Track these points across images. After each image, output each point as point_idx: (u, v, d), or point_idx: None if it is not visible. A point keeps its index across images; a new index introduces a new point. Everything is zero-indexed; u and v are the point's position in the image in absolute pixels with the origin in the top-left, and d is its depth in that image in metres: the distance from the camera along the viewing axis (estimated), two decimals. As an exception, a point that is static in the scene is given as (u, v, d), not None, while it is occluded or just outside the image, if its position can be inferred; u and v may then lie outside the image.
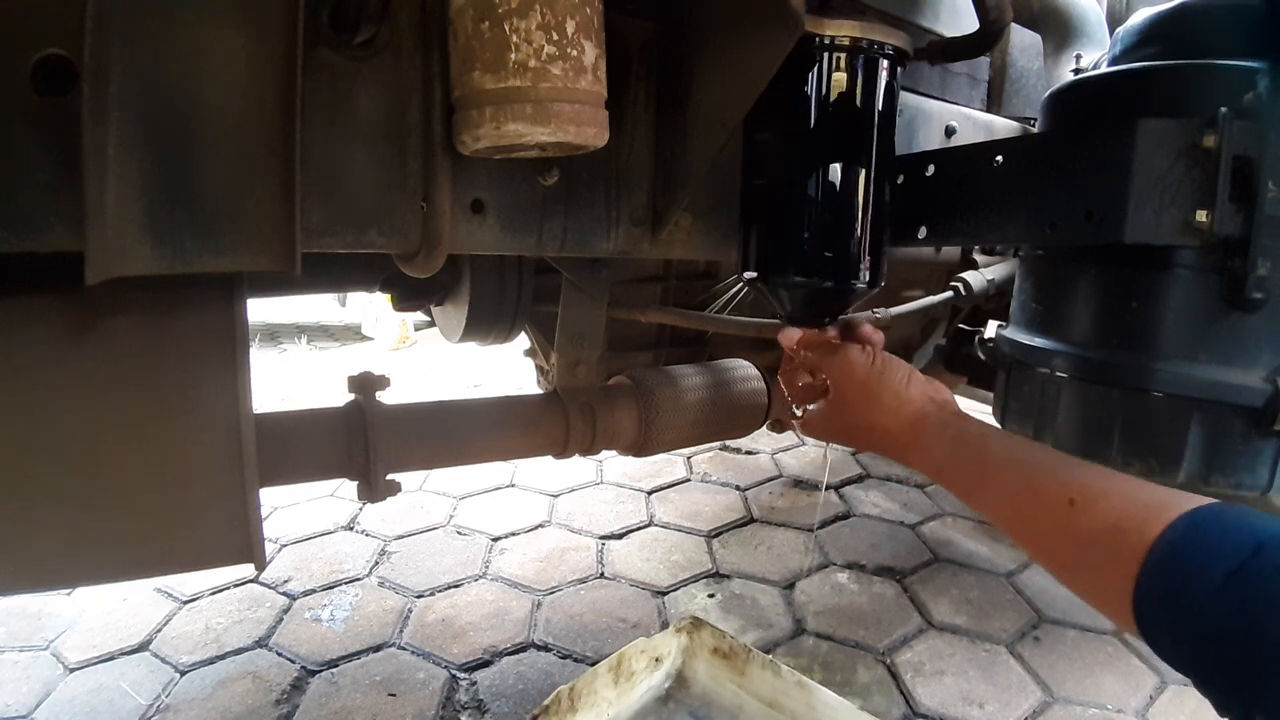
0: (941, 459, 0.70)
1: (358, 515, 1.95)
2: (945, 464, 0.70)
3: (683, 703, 1.02)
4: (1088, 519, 0.53)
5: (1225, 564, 0.43)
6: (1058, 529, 0.55)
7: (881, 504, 2.07)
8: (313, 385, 3.32)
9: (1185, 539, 0.46)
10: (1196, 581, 0.43)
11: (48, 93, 0.55)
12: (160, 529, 0.73)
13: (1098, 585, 0.52)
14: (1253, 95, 0.71)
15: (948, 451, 0.69)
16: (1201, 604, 0.43)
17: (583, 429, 1.09)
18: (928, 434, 0.72)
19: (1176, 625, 0.45)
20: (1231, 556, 0.43)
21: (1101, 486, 0.54)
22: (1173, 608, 0.45)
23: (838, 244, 0.79)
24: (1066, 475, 0.57)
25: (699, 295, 1.51)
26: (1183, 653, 0.45)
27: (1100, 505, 0.52)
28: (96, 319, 0.70)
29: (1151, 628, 0.47)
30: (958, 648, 1.46)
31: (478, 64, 0.62)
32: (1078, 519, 0.53)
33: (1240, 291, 0.75)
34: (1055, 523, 0.55)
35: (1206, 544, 0.45)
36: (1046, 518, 0.56)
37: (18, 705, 1.25)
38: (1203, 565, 0.44)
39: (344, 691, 1.30)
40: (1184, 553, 0.45)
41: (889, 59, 0.77)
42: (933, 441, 0.71)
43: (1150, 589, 0.46)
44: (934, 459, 0.71)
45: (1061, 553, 0.57)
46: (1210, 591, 0.42)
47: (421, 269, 0.76)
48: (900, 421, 0.74)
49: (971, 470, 0.67)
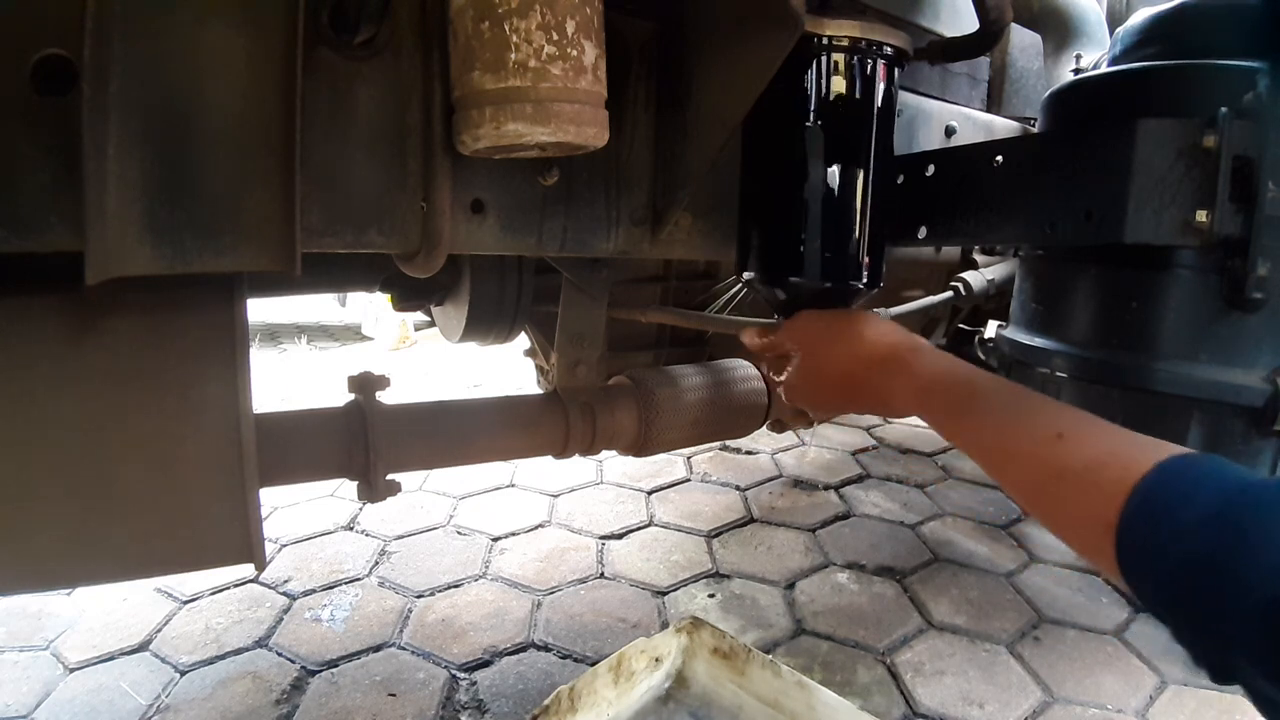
0: (928, 385, 0.67)
1: (358, 515, 1.95)
2: (932, 388, 0.67)
3: (683, 703, 1.02)
4: (1075, 453, 0.52)
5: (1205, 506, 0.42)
6: (1043, 460, 0.54)
7: (881, 504, 2.07)
8: (313, 385, 3.31)
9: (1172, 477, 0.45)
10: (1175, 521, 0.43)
11: (48, 93, 0.56)
12: (160, 529, 0.73)
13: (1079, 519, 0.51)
14: (1253, 95, 0.71)
15: (935, 376, 0.67)
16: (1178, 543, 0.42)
17: (583, 429, 1.09)
18: (913, 361, 0.69)
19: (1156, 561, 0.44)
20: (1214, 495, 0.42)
21: (1092, 425, 0.54)
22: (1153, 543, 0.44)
23: (836, 244, 0.79)
24: (1056, 411, 0.57)
25: (699, 295, 1.51)
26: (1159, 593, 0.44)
27: (1088, 441, 0.52)
28: (96, 319, 0.70)
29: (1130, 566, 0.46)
30: (958, 648, 1.46)
31: (478, 64, 0.62)
32: (1065, 451, 0.53)
33: (1240, 291, 0.75)
34: (1041, 453, 0.54)
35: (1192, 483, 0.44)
36: (1034, 449, 0.55)
37: (18, 705, 1.25)
38: (1183, 505, 0.43)
39: (344, 691, 1.30)
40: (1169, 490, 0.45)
41: (889, 59, 0.77)
42: (919, 368, 0.68)
43: (1132, 523, 0.45)
44: (920, 382, 0.67)
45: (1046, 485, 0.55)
46: (1188, 531, 0.42)
47: (421, 269, 0.76)
48: (883, 350, 0.71)
49: (960, 398, 0.64)
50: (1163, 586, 0.44)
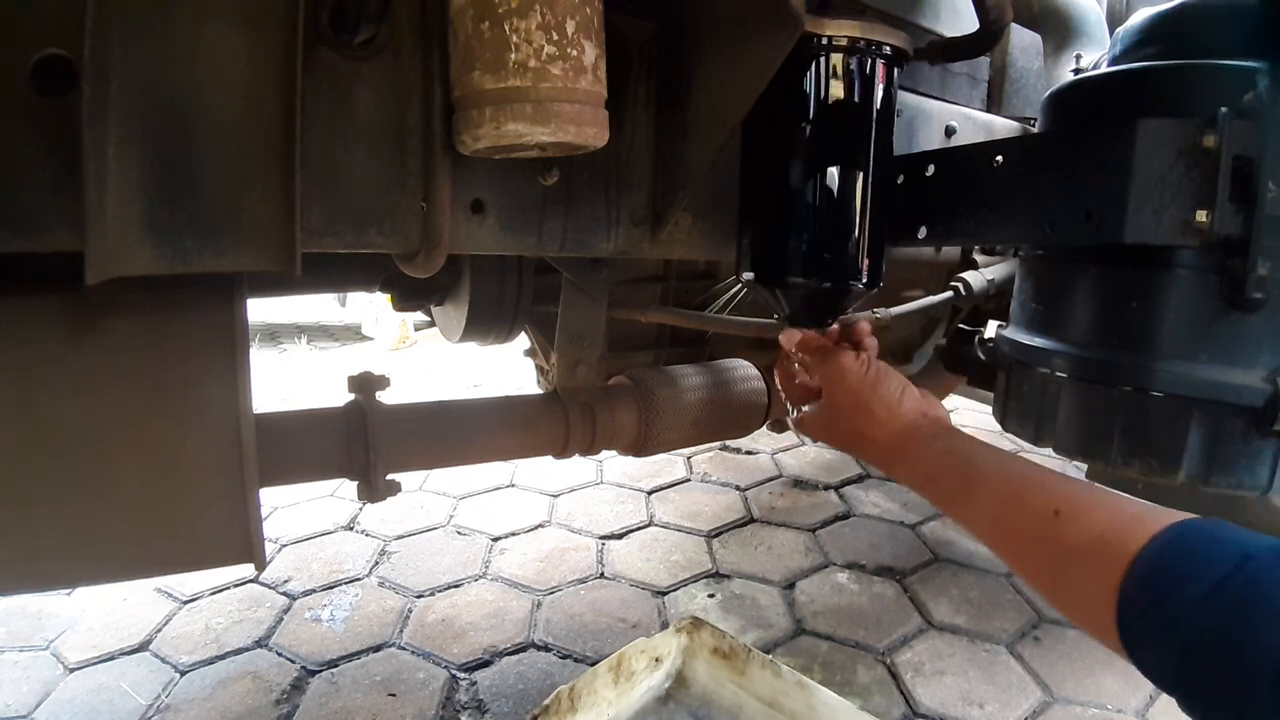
0: (929, 470, 0.70)
1: (358, 515, 1.95)
2: (933, 475, 0.69)
3: (683, 703, 1.02)
4: (1072, 530, 0.52)
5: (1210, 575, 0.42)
6: (1042, 540, 0.55)
7: (881, 504, 2.07)
8: (313, 385, 3.31)
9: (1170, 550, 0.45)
10: (1181, 592, 0.43)
11: (48, 93, 0.55)
12: (160, 529, 0.73)
13: (1081, 597, 0.51)
14: (1253, 95, 0.71)
15: (936, 462, 0.69)
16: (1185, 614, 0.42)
17: (583, 429, 1.09)
18: (916, 446, 0.72)
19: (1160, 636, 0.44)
20: (1217, 568, 0.42)
21: (1087, 499, 0.54)
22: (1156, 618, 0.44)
23: (836, 244, 0.79)
24: (1052, 487, 0.57)
25: (699, 295, 1.51)
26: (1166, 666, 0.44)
27: (1085, 517, 0.52)
28: (96, 319, 0.70)
29: (1134, 639, 0.46)
30: (958, 648, 1.46)
31: (478, 64, 0.62)
32: (1062, 530, 0.53)
33: (1240, 291, 0.75)
34: (1040, 533, 0.55)
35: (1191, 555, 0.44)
36: (1031, 528, 0.56)
37: (18, 705, 1.25)
38: (1187, 576, 0.43)
39: (344, 691, 1.30)
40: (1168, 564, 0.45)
41: (889, 59, 0.77)
42: (921, 453, 0.71)
43: (1134, 600, 0.45)
44: (921, 470, 0.70)
45: (1045, 564, 0.56)
46: (1195, 602, 0.42)
47: (421, 269, 0.76)
48: (890, 434, 0.74)
49: (958, 481, 0.66)
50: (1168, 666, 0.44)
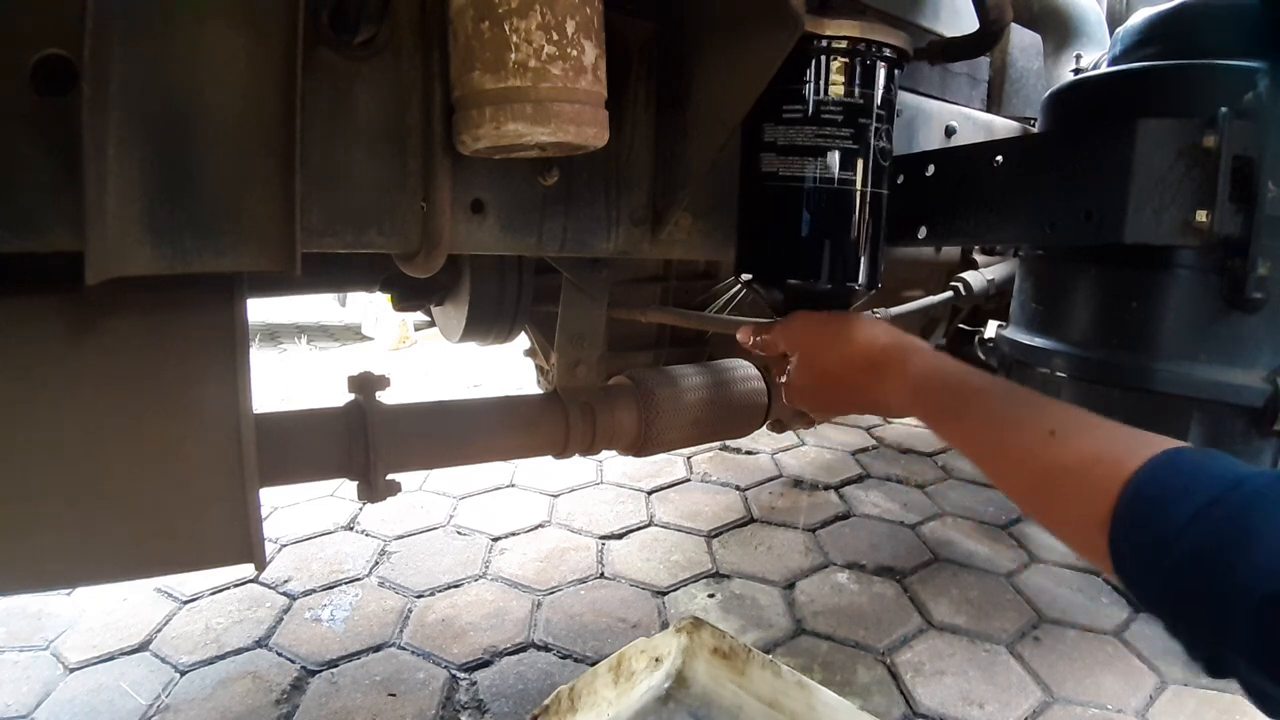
0: (921, 384, 0.67)
1: (358, 515, 1.95)
2: (924, 389, 0.67)
3: (683, 703, 1.02)
4: (1067, 449, 0.52)
5: (1202, 495, 0.42)
6: (1035, 457, 0.54)
7: (881, 504, 2.07)
8: (313, 385, 3.31)
9: (1163, 472, 0.45)
10: (1171, 513, 0.43)
11: (48, 93, 0.55)
12: (160, 529, 0.73)
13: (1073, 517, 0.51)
14: (1253, 95, 0.71)
15: (928, 378, 0.67)
16: (1173, 534, 0.42)
17: (583, 429, 1.09)
18: (907, 361, 0.69)
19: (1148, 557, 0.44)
20: (1207, 490, 0.42)
21: (1084, 421, 0.54)
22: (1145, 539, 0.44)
23: (834, 245, 0.79)
24: (1049, 408, 0.57)
25: (699, 295, 1.51)
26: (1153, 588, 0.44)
27: (1080, 438, 0.52)
28: (96, 319, 0.70)
29: (1123, 561, 0.46)
30: (958, 648, 1.46)
31: (478, 64, 0.62)
32: (1057, 449, 0.53)
33: (1240, 291, 0.75)
34: (1033, 451, 0.55)
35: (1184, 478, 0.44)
36: (1025, 445, 0.56)
37: (18, 705, 1.25)
38: (1176, 499, 0.43)
39: (344, 691, 1.30)
40: (1161, 485, 0.45)
41: (889, 59, 0.77)
42: (911, 369, 0.68)
43: (1124, 520, 0.45)
44: (913, 384, 0.68)
45: (1037, 482, 0.55)
46: (1183, 522, 0.42)
47: (421, 269, 0.76)
48: (875, 353, 0.72)
49: (951, 397, 0.65)
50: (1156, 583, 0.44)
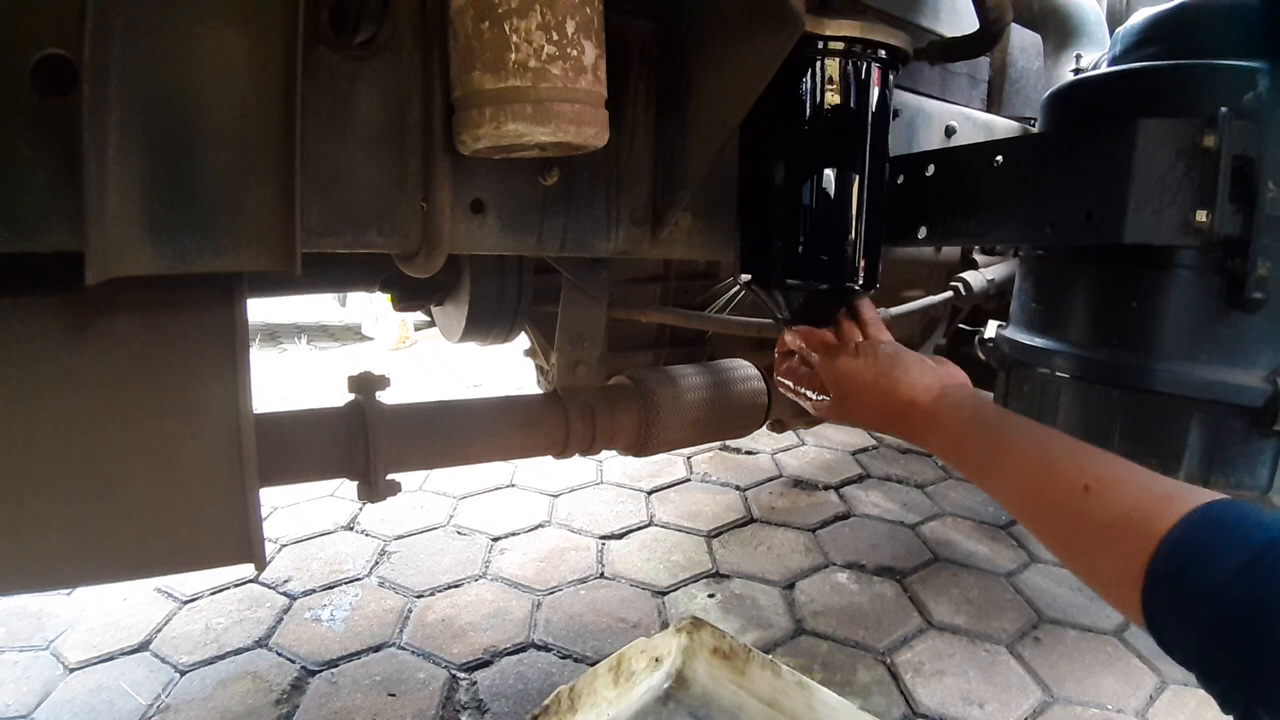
0: (957, 437, 0.69)
1: (358, 515, 1.95)
2: (961, 442, 0.69)
3: (683, 703, 1.01)
4: (1102, 505, 0.52)
5: (1236, 557, 0.42)
6: (1071, 513, 0.55)
7: (881, 504, 2.07)
8: (313, 385, 3.31)
9: (1198, 531, 0.46)
10: (1206, 573, 0.43)
11: (48, 93, 0.55)
12: (160, 529, 0.73)
13: (1107, 572, 0.52)
14: (1253, 95, 0.71)
15: (965, 432, 0.68)
16: (1209, 595, 0.42)
17: (583, 429, 1.09)
18: (944, 416, 0.71)
19: (1183, 616, 0.44)
20: (1242, 550, 0.42)
21: (1118, 474, 0.54)
22: (1180, 598, 0.45)
23: (833, 246, 0.79)
24: (1083, 461, 0.57)
25: (699, 295, 1.51)
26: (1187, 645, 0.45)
27: (1115, 492, 0.52)
28: (96, 319, 0.70)
29: (1158, 618, 0.46)
30: (958, 648, 1.46)
31: (478, 64, 0.62)
32: (1092, 504, 0.53)
33: (1240, 291, 0.75)
34: (1069, 507, 0.55)
35: (1218, 537, 0.45)
36: (1060, 501, 0.56)
37: (18, 705, 1.25)
38: (1213, 557, 0.43)
39: (344, 691, 1.30)
40: (1195, 544, 0.45)
41: (889, 59, 0.77)
42: (949, 423, 0.70)
43: (1159, 578, 0.46)
44: (950, 437, 0.70)
45: (1073, 537, 0.56)
46: (1219, 583, 0.42)
47: (421, 269, 0.76)
48: (916, 409, 0.73)
49: (987, 449, 0.66)
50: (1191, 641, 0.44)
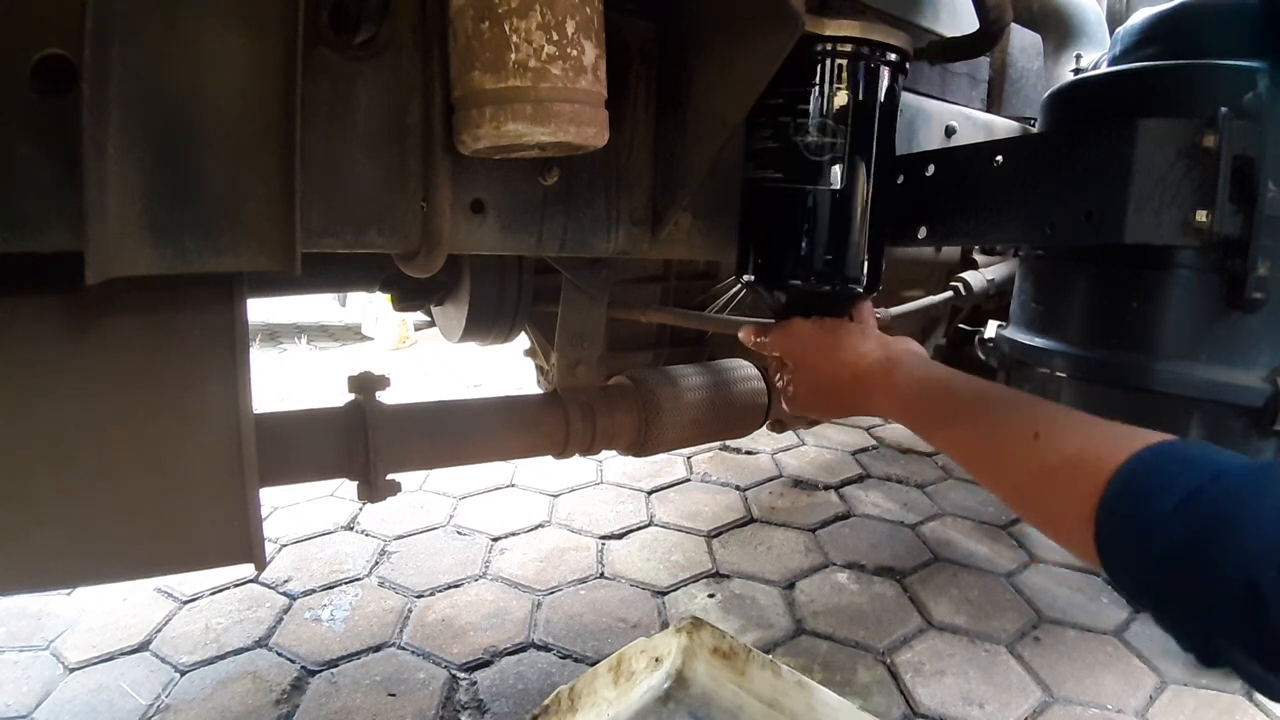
0: (907, 398, 0.71)
1: (358, 515, 1.95)
2: (912, 401, 0.70)
3: (683, 703, 1.01)
4: (1051, 450, 0.53)
5: (1182, 488, 0.42)
6: (1021, 461, 0.56)
7: (881, 504, 2.07)
8: (313, 385, 3.31)
9: (1145, 467, 0.46)
10: (1153, 506, 0.43)
11: (48, 93, 0.55)
12: (160, 529, 0.73)
13: (1059, 515, 0.52)
14: (1253, 95, 0.71)
15: (913, 391, 0.70)
16: (1155, 530, 0.43)
17: (583, 429, 1.09)
18: (893, 375, 0.73)
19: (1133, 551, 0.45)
20: (1189, 481, 0.43)
21: (1066, 420, 0.55)
22: (1129, 533, 0.45)
23: (835, 247, 0.79)
24: (1031, 410, 0.58)
25: (699, 295, 1.51)
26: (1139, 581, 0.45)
27: (1064, 437, 0.53)
28: (96, 319, 0.70)
29: (1110, 555, 0.47)
30: (958, 648, 1.46)
31: (478, 64, 0.62)
32: (1041, 450, 0.54)
33: (1240, 291, 0.75)
34: (1019, 455, 0.56)
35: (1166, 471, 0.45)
36: (1010, 450, 0.57)
37: (18, 705, 1.25)
38: (1160, 490, 0.44)
39: (344, 691, 1.30)
40: (1143, 479, 0.46)
41: (889, 59, 0.77)
42: (900, 381, 0.72)
43: (1109, 515, 0.46)
44: (899, 398, 0.71)
45: (1024, 484, 0.57)
46: (1164, 517, 0.42)
47: (421, 269, 0.76)
48: (862, 369, 0.75)
49: (938, 406, 0.68)
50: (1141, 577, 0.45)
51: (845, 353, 0.77)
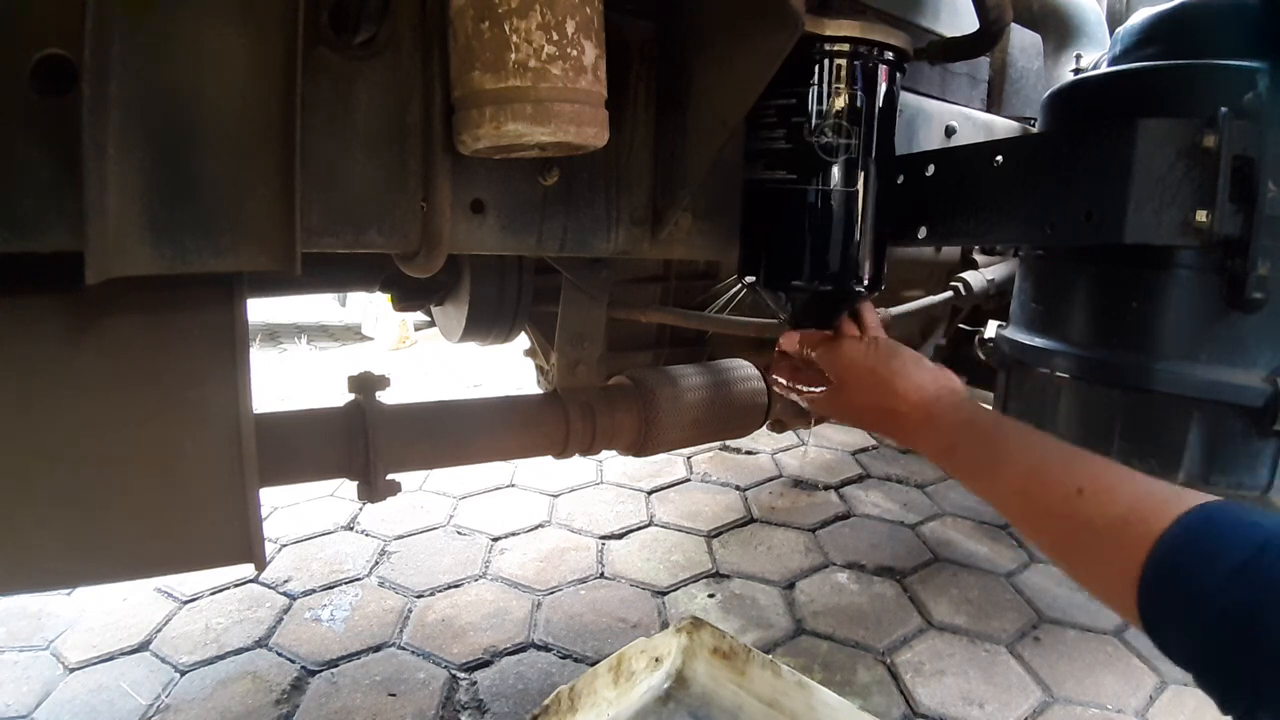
0: (953, 441, 0.69)
1: (358, 515, 1.95)
2: (956, 447, 0.69)
3: (683, 703, 1.02)
4: (1096, 508, 0.52)
5: (1232, 559, 0.42)
6: (1065, 516, 0.55)
7: (881, 504, 2.07)
8: (313, 385, 3.31)
9: (1193, 532, 0.46)
10: (1202, 575, 0.43)
11: (48, 93, 0.55)
12: (160, 529, 0.73)
13: (1103, 575, 0.52)
14: (1253, 95, 0.71)
15: (959, 434, 0.69)
16: (1206, 597, 0.42)
17: (583, 429, 1.09)
18: (939, 417, 0.71)
19: (1180, 618, 0.45)
20: (1239, 551, 0.42)
21: (1112, 478, 0.54)
22: (1177, 600, 0.45)
23: (837, 248, 0.79)
24: (1077, 464, 0.57)
25: (699, 295, 1.51)
26: (1185, 647, 0.45)
27: (1109, 496, 0.52)
28: (96, 319, 0.70)
29: (1154, 620, 0.46)
30: (958, 648, 1.46)
31: (478, 64, 0.62)
32: (1086, 507, 0.53)
33: (1240, 291, 0.75)
34: (1063, 510, 0.55)
35: (1214, 538, 0.45)
36: (1055, 505, 0.56)
37: (18, 705, 1.25)
38: (1209, 559, 0.43)
39: (344, 691, 1.30)
40: (1191, 546, 0.45)
41: (889, 59, 0.77)
42: (944, 424, 0.70)
43: (1155, 580, 0.46)
44: (945, 441, 0.70)
45: (1068, 540, 0.56)
46: (1215, 585, 0.42)
47: (421, 269, 0.76)
48: (910, 407, 0.73)
49: (982, 454, 0.66)
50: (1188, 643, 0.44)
51: (897, 391, 0.74)
